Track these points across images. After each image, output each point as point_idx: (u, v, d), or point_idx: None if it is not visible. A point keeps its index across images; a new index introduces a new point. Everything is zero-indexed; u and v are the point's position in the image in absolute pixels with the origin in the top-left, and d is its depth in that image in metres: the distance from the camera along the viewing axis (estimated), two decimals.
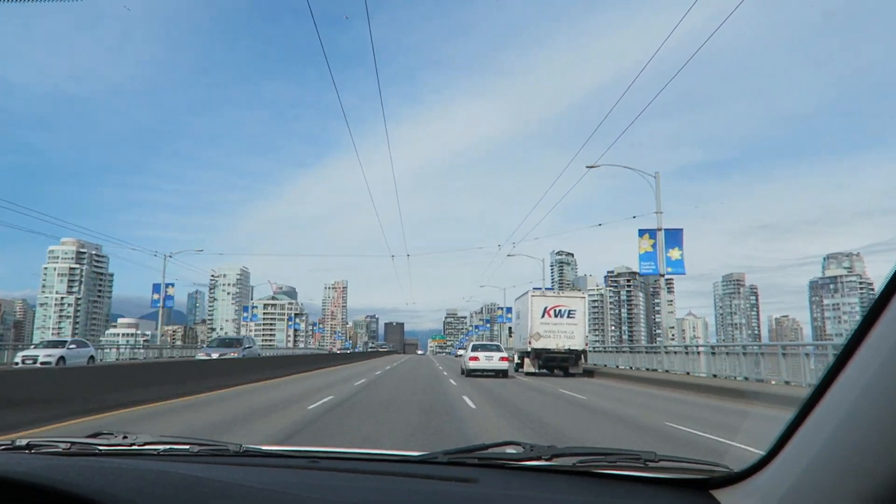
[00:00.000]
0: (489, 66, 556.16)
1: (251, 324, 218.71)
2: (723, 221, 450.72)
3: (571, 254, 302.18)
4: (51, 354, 25.04)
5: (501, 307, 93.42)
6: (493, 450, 1.69)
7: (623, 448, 1.72)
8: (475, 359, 26.08)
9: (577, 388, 19.64)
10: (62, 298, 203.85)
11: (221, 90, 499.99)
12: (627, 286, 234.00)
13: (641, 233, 27.91)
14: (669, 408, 13.80)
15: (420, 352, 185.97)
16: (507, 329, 43.80)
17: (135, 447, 1.74)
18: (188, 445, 1.75)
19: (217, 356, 24.07)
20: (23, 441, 1.69)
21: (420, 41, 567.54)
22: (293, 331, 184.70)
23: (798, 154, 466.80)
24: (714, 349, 22.86)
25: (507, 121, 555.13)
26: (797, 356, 16.74)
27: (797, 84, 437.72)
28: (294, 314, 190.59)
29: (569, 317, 29.33)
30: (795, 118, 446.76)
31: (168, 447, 1.73)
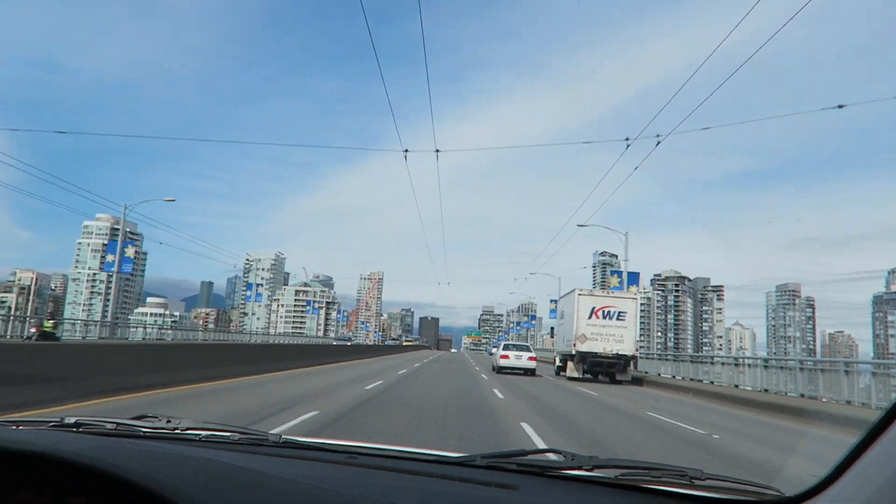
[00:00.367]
0: (536, 69, 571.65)
1: (282, 310, 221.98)
2: (769, 232, 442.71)
3: (615, 255, 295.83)
4: None
5: (536, 315, 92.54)
6: (533, 456, 1.68)
7: (668, 463, 1.69)
8: (506, 357, 30.11)
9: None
10: (94, 275, 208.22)
11: (270, 82, 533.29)
12: (676, 291, 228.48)
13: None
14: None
15: (454, 350, 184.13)
16: (550, 329, 42.33)
17: (177, 432, 1.79)
18: (229, 433, 1.80)
19: None
20: (71, 419, 1.74)
21: (468, 40, 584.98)
22: (324, 319, 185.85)
23: (849, 166, 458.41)
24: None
25: (552, 123, 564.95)
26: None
27: (848, 92, 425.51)
28: (326, 302, 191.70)
29: (618, 319, 27.76)
30: (849, 129, 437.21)
31: (209, 433, 1.79)
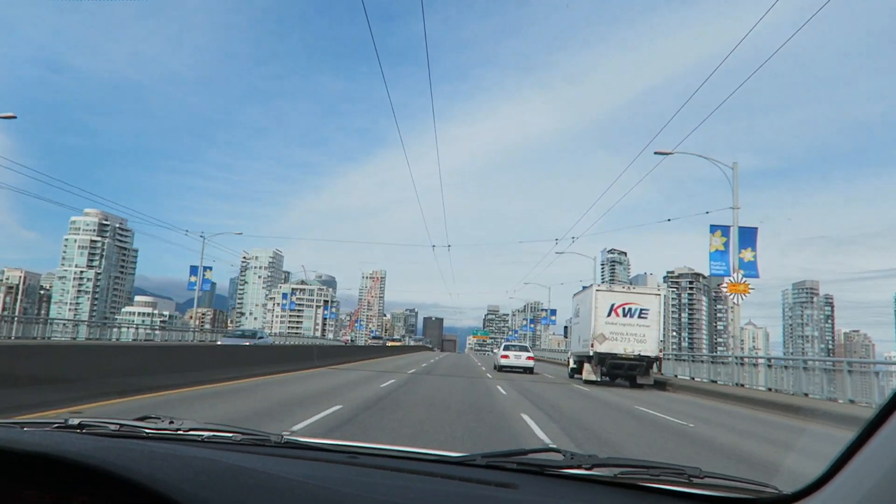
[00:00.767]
0: (542, 66, 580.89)
1: (279, 310, 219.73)
2: (777, 231, 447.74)
3: (624, 252, 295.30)
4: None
5: (545, 308, 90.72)
6: (532, 455, 1.72)
7: (667, 462, 1.74)
8: (506, 357, 33.71)
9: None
10: (81, 272, 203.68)
11: (274, 82, 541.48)
12: (690, 289, 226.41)
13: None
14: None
15: (457, 351, 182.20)
16: (563, 328, 40.84)
17: (180, 432, 1.84)
18: (231, 434, 1.86)
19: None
20: (75, 420, 1.80)
21: (474, 39, 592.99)
22: (322, 319, 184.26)
23: (861, 164, 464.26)
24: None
25: (558, 121, 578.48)
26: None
27: (859, 92, 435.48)
28: (324, 301, 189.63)
29: (640, 317, 26.24)
30: (860, 126, 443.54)
31: (212, 434, 1.85)
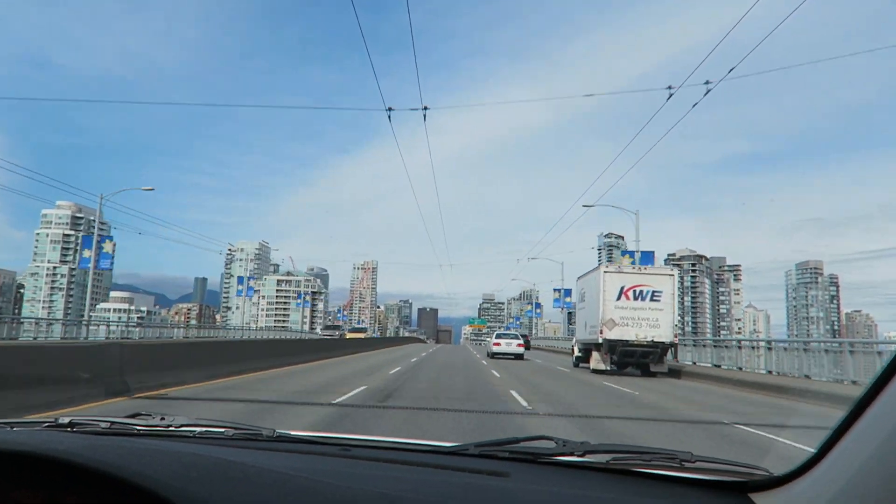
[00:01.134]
0: (532, 55, 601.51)
1: (263, 302, 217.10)
2: (770, 215, 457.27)
3: (622, 236, 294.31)
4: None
5: (535, 303, 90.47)
6: (525, 443, 1.76)
7: (659, 447, 1.80)
8: (497, 344, 37.43)
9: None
10: (55, 269, 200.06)
11: (265, 76, 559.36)
12: (693, 271, 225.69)
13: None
14: None
15: (448, 344, 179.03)
16: (567, 315, 39.71)
17: (172, 429, 1.87)
18: (223, 429, 1.89)
19: None
20: (65, 419, 1.81)
21: (463, 28, 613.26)
22: (309, 311, 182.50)
23: (851, 147, 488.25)
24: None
25: (550, 109, 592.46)
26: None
27: (848, 75, 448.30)
28: (312, 292, 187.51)
29: (652, 299, 24.96)
30: (848, 110, 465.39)
31: (204, 430, 1.87)
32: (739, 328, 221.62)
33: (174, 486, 0.97)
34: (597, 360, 25.49)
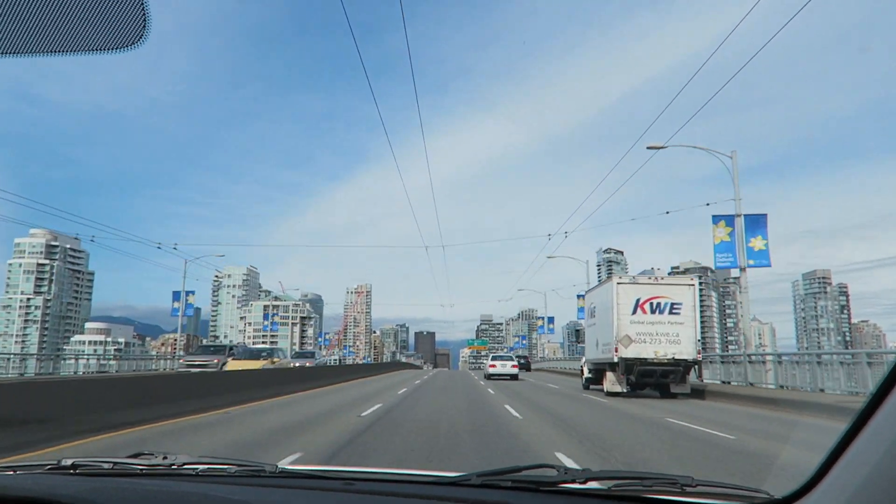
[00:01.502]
0: (519, 74, 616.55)
1: (251, 330, 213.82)
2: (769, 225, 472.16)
3: (621, 251, 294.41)
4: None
5: (541, 316, 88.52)
6: (527, 472, 1.82)
7: (660, 472, 1.86)
8: (493, 366, 40.33)
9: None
10: (28, 300, 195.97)
11: (254, 104, 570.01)
12: (699, 284, 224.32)
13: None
14: None
15: (445, 368, 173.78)
16: (575, 332, 38.09)
17: (174, 467, 1.92)
18: (226, 466, 1.94)
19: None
20: (68, 461, 1.88)
21: (450, 51, 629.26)
22: (298, 336, 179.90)
23: (844, 157, 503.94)
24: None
25: (541, 127, 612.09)
26: None
27: (839, 86, 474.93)
28: (301, 317, 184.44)
29: (671, 312, 23.41)
30: (840, 120, 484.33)
31: (207, 467, 1.93)
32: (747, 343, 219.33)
33: None
34: (611, 382, 23.90)
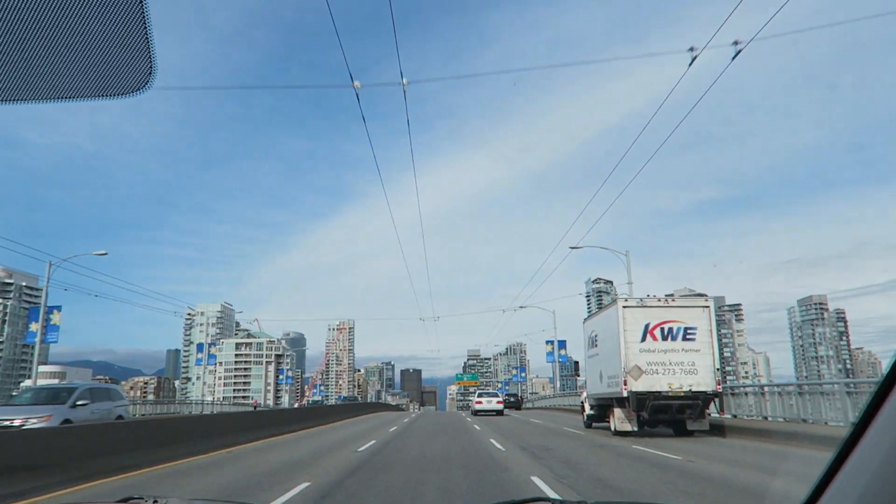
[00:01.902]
0: (499, 113, 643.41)
1: (218, 368, 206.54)
2: (747, 259, 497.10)
3: (610, 281, 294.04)
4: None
5: (525, 359, 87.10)
6: None
7: (654, 501, 1.92)
8: (479, 402, 44.66)
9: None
10: None
11: (235, 144, 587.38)
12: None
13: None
14: None
15: (430, 410, 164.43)
16: (574, 364, 35.90)
17: None
18: None
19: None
20: None
21: (434, 90, 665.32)
22: (273, 377, 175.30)
23: (818, 188, 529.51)
24: None
25: (521, 164, 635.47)
26: None
27: (810, 119, 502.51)
28: (276, 355, 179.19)
29: (685, 338, 21.35)
30: (811, 152, 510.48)
31: None
32: (746, 372, 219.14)
33: None
34: (620, 420, 21.73)
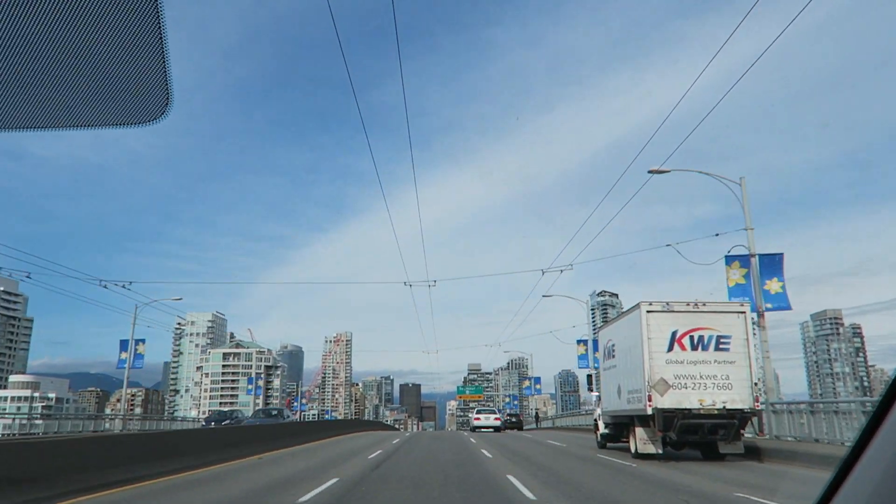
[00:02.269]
0: (501, 128, 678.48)
1: (207, 380, 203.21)
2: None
3: (616, 294, 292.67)
4: None
5: (529, 377, 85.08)
6: None
7: None
8: (478, 419, 52.20)
9: None
10: None
11: (238, 157, 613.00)
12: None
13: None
14: None
15: (429, 426, 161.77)
16: (586, 377, 33.82)
17: None
18: None
19: None
20: None
21: (435, 106, 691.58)
22: (263, 390, 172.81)
23: (816, 205, 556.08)
24: None
25: (524, 178, 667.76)
26: None
27: (807, 137, 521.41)
28: (265, 366, 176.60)
29: (718, 348, 19.34)
30: (811, 170, 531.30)
31: None
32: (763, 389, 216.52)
33: None
34: (643, 441, 19.68)
